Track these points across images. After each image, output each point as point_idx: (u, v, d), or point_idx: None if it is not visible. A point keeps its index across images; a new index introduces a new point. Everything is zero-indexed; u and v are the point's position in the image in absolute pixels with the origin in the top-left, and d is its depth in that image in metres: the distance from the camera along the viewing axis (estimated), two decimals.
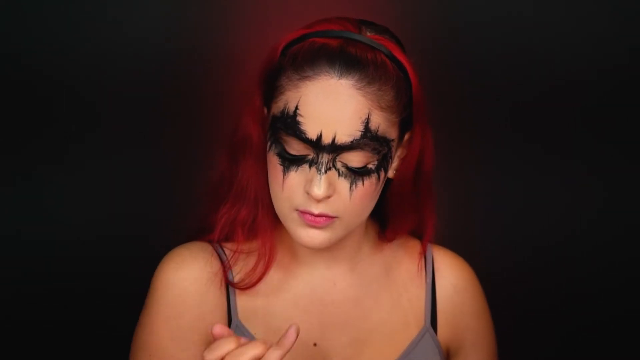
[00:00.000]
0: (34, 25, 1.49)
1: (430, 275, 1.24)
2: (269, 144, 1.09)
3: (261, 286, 1.17)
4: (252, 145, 1.12)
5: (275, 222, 1.15)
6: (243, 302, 1.16)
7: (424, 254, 1.25)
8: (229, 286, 1.16)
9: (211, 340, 0.99)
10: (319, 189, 1.04)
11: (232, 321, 1.15)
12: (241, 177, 1.14)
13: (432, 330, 1.22)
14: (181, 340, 1.12)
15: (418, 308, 1.22)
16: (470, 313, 1.25)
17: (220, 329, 0.99)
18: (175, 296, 1.13)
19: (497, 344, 1.28)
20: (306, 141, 1.04)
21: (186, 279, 1.14)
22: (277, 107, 1.07)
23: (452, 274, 1.25)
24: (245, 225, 1.15)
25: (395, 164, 1.13)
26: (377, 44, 1.07)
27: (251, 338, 1.14)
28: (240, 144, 1.13)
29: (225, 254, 1.17)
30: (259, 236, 1.16)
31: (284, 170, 1.07)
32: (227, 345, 0.96)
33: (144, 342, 1.14)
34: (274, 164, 1.08)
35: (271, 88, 1.08)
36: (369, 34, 1.08)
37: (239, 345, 0.95)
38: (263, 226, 1.15)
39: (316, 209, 1.06)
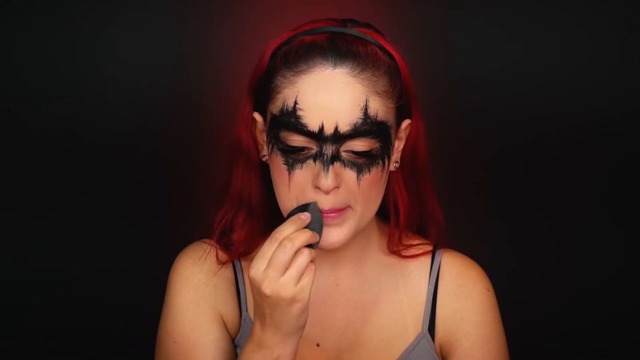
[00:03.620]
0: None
1: (434, 281, 1.24)
2: (270, 147, 1.11)
3: None
4: (242, 151, 1.17)
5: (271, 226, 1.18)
6: (252, 297, 1.21)
7: (431, 259, 1.25)
8: (239, 282, 1.23)
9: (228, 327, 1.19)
10: (327, 179, 1.06)
11: (242, 315, 1.22)
12: (235, 182, 1.19)
13: (429, 336, 1.22)
14: (202, 325, 1.20)
15: (417, 313, 1.23)
16: (470, 321, 1.22)
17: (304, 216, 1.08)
18: (192, 287, 1.22)
19: (506, 357, 1.24)
20: (308, 134, 1.06)
21: (201, 272, 1.22)
22: (275, 107, 1.09)
23: (454, 281, 1.24)
24: (242, 228, 1.20)
25: (394, 156, 1.15)
26: (365, 35, 1.10)
27: None
28: (233, 150, 1.18)
29: (228, 251, 1.23)
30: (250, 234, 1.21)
31: (288, 169, 1.09)
32: (288, 229, 1.06)
33: (168, 330, 1.21)
34: (278, 165, 1.10)
35: (265, 92, 1.11)
36: (354, 28, 1.12)
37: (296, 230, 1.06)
38: (253, 230, 1.20)
39: (326, 204, 1.08)
